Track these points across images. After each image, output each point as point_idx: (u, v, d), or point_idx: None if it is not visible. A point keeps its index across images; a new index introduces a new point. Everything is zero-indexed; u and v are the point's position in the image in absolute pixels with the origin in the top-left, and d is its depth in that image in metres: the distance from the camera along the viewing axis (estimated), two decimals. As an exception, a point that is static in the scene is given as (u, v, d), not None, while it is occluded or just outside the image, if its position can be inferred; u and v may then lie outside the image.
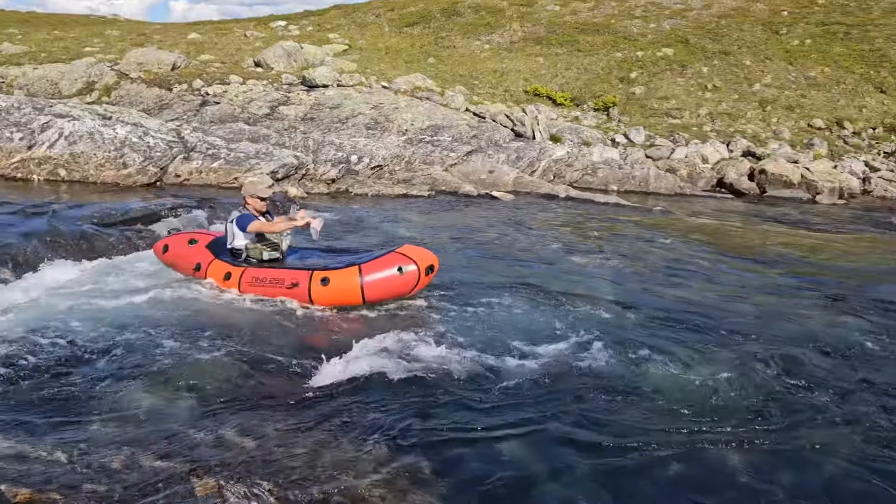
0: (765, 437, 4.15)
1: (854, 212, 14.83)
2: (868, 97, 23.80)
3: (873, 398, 4.71)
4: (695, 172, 17.33)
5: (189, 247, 7.06)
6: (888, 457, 3.96)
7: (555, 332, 5.79)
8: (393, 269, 6.23)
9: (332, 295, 6.26)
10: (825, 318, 6.47)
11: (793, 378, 4.98)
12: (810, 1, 31.49)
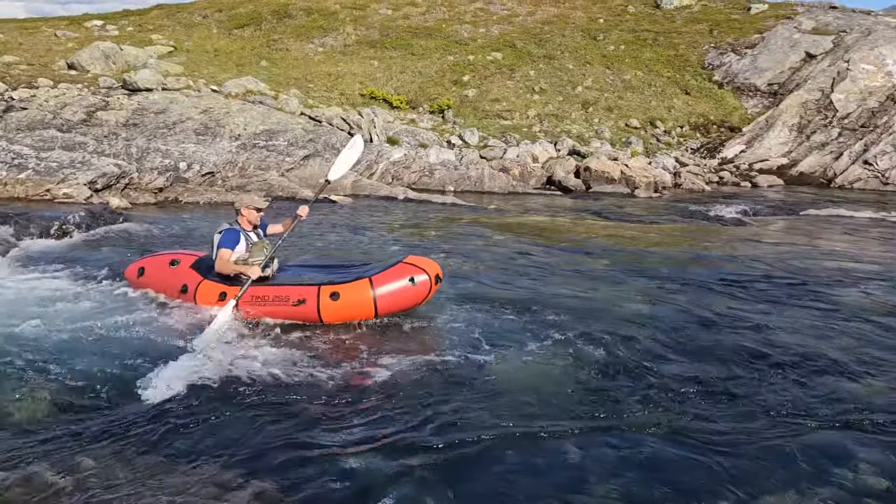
0: (600, 417, 4.42)
1: (667, 203, 16.18)
2: (675, 98, 26.04)
3: (687, 371, 5.16)
4: (526, 171, 18.15)
5: (171, 268, 6.50)
6: (709, 430, 4.34)
7: (391, 333, 5.85)
8: (405, 280, 5.98)
9: (344, 310, 5.90)
10: (644, 300, 7.00)
11: (617, 357, 5.36)
12: (622, 10, 33.97)
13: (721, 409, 4.58)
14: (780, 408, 4.60)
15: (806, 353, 5.61)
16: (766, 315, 6.64)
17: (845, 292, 7.70)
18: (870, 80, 23.43)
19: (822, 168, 21.47)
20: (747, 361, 5.44)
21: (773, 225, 13.31)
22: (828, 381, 5.06)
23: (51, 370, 4.88)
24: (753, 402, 4.70)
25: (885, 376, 5.19)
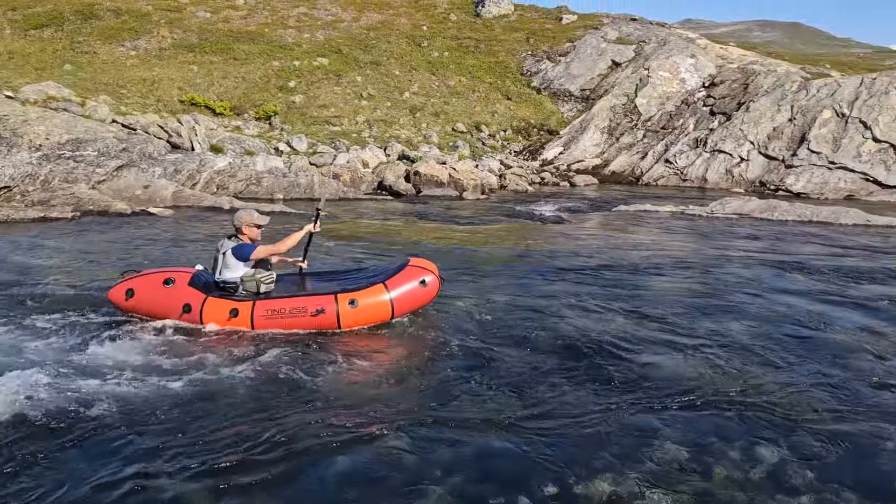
0: (427, 412, 4.47)
1: (494, 204, 16.80)
2: (498, 104, 27.14)
3: (508, 363, 5.37)
4: (357, 177, 18.11)
5: (166, 287, 6.15)
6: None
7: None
8: (416, 282, 6.24)
9: (363, 315, 6.05)
10: (472, 297, 7.21)
11: (443, 354, 5.48)
12: (444, 17, 34.87)
13: (546, 398, 4.81)
14: (599, 392, 4.91)
15: (616, 338, 6.03)
16: (582, 304, 7.07)
17: (650, 279, 8.39)
18: (667, 86, 25.75)
19: (630, 167, 23.29)
20: (566, 350, 5.76)
21: (589, 221, 14.22)
22: (634, 363, 5.47)
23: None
24: (578, 388, 4.98)
25: (683, 354, 5.70)
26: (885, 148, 19.78)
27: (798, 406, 4.73)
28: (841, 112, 21.02)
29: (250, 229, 6.18)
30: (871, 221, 13.71)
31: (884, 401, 4.87)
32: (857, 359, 5.68)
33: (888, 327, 6.56)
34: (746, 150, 21.69)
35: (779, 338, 6.17)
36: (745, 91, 23.85)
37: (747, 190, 20.47)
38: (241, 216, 6.22)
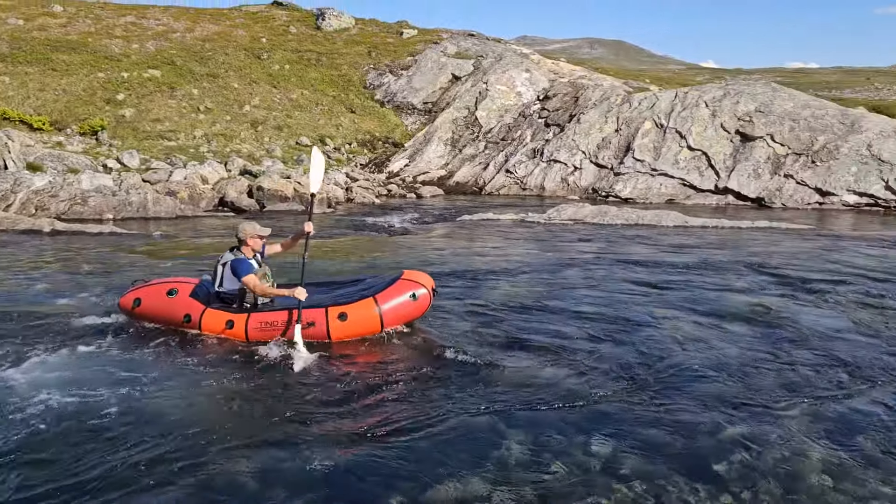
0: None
1: (341, 218, 16.68)
2: (342, 116, 27.04)
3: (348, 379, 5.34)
4: (196, 193, 17.33)
5: (170, 297, 6.43)
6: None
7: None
8: (406, 296, 6.29)
9: (352, 328, 6.17)
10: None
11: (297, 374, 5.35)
12: (284, 30, 34.29)
13: (392, 410, 4.82)
14: (440, 399, 5.00)
15: (464, 342, 6.18)
16: (430, 313, 7.18)
17: (494, 283, 8.67)
18: (505, 100, 26.83)
19: (474, 177, 24.00)
20: (418, 357, 5.81)
21: (435, 231, 14.48)
22: (481, 365, 5.62)
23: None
24: (424, 396, 5.03)
25: (528, 353, 5.93)
26: (698, 155, 21.73)
27: (629, 397, 5.06)
28: (660, 123, 22.86)
29: (254, 241, 6.36)
30: (688, 223, 15.00)
31: (687, 383, 5.32)
32: (672, 345, 6.18)
33: (699, 316, 7.20)
34: (579, 159, 23.03)
35: (613, 331, 6.58)
36: (575, 104, 25.35)
37: (581, 197, 21.73)
38: (244, 228, 6.39)
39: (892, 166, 19.71)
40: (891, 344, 6.47)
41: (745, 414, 4.83)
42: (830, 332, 6.81)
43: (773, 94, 23.14)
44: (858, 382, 5.48)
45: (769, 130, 21.48)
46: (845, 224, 16.76)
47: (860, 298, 8.30)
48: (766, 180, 20.56)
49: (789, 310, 7.67)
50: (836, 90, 76.60)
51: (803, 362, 5.91)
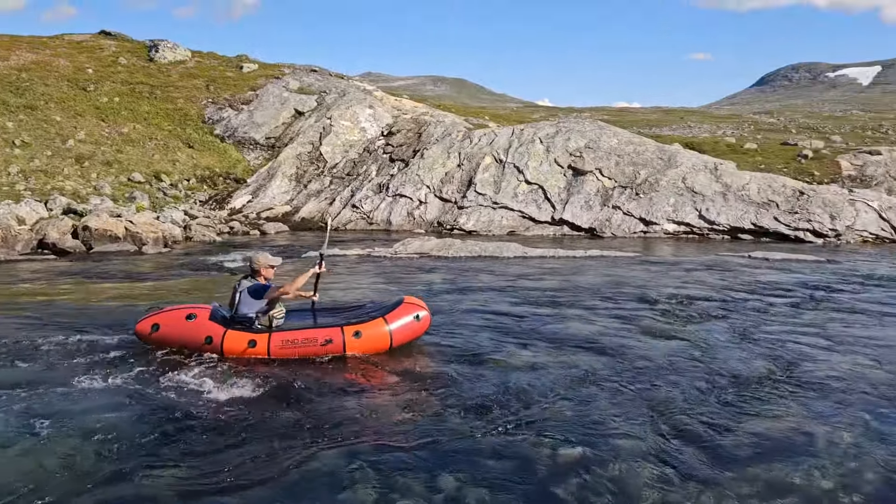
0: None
1: (178, 258, 15.85)
2: (179, 152, 25.89)
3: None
4: (10, 235, 15.81)
5: (189, 322, 6.86)
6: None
7: None
8: (411, 317, 7.05)
9: (365, 345, 6.81)
10: (145, 364, 6.66)
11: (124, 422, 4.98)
12: (113, 61, 32.47)
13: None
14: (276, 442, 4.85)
15: (315, 380, 6.04)
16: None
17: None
18: (349, 135, 26.91)
19: (320, 213, 23.76)
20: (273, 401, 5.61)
21: (280, 269, 14.11)
22: (318, 407, 5.52)
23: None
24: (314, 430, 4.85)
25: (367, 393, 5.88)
26: (535, 189, 22.87)
27: (464, 426, 5.15)
28: (499, 158, 23.86)
29: (266, 270, 6.94)
30: (528, 253, 15.69)
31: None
32: (513, 372, 6.40)
33: (540, 342, 7.52)
34: (424, 193, 23.48)
35: (456, 359, 6.70)
36: (419, 139, 25.90)
37: (427, 230, 22.12)
38: (258, 258, 6.99)
39: (703, 197, 21.76)
40: (713, 357, 7.07)
41: (581, 436, 5.06)
42: (659, 354, 7.34)
43: (600, 131, 24.91)
44: (685, 401, 5.93)
45: (598, 165, 23.05)
46: (667, 250, 18.23)
47: (685, 315, 9.03)
48: (597, 211, 21.98)
49: (618, 332, 8.19)
50: (656, 128, 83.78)
51: (637, 382, 6.31)
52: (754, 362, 7.06)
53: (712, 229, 21.17)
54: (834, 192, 22.61)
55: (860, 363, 7.12)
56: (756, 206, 21.31)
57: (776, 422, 5.45)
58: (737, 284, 12.04)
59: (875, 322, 9.19)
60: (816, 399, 6.02)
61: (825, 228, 20.31)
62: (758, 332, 8.44)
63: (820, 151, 51.81)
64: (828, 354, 7.44)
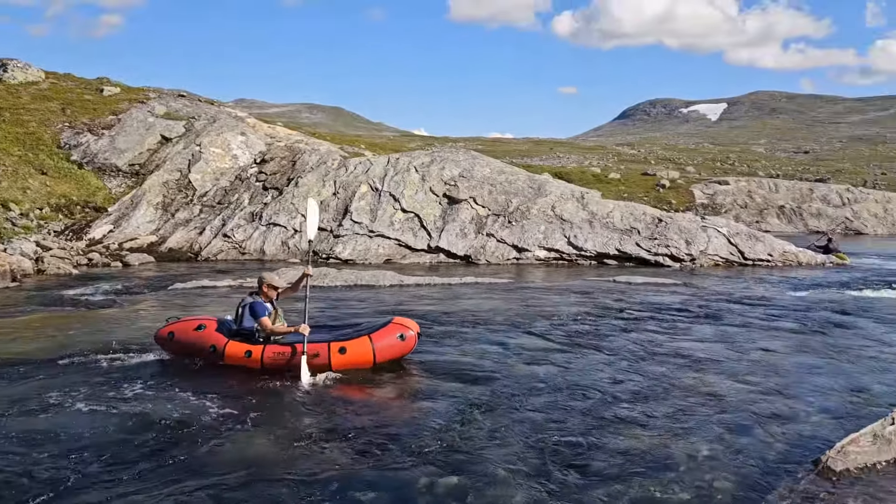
0: None
1: (29, 292, 14.68)
2: (31, 179, 24.13)
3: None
4: None
5: (198, 332, 7.80)
6: None
7: None
8: (396, 336, 7.64)
9: (349, 360, 7.50)
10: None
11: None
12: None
13: None
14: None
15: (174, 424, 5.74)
16: (130, 391, 6.56)
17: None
18: (220, 162, 26.10)
19: (189, 243, 22.80)
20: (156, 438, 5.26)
21: (143, 302, 13.39)
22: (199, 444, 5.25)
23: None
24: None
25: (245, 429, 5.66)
26: (411, 217, 23.05)
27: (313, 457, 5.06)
28: (375, 187, 23.90)
29: (269, 289, 7.86)
30: (404, 281, 15.75)
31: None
32: (392, 402, 6.36)
33: (416, 369, 7.53)
34: (299, 222, 23.09)
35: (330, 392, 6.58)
36: (293, 168, 25.51)
37: (302, 260, 21.71)
38: (265, 277, 7.99)
39: (572, 224, 22.73)
40: (582, 377, 7.34)
41: (457, 462, 5.09)
42: (531, 377, 7.54)
43: (473, 161, 25.54)
44: (556, 421, 6.10)
45: (472, 194, 23.59)
46: (539, 276, 18.86)
47: (556, 338, 9.34)
48: (472, 239, 22.44)
49: (492, 356, 8.37)
50: (528, 158, 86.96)
51: (512, 405, 6.44)
52: (620, 382, 7.40)
53: (580, 255, 22.12)
54: (689, 219, 24.25)
55: (713, 378, 7.63)
56: (620, 233, 22.50)
57: (638, 439, 5.72)
58: (603, 307, 12.63)
59: (726, 339, 9.90)
60: (675, 414, 6.38)
61: (681, 253, 21.72)
62: (622, 352, 8.87)
63: (676, 181, 55.71)
64: (684, 371, 7.92)
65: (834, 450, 5.17)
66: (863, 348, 9.50)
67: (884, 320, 11.82)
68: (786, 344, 9.69)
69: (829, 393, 7.19)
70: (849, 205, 51.20)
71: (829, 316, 12.12)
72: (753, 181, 54.27)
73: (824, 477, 4.90)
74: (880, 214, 51.16)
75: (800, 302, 13.82)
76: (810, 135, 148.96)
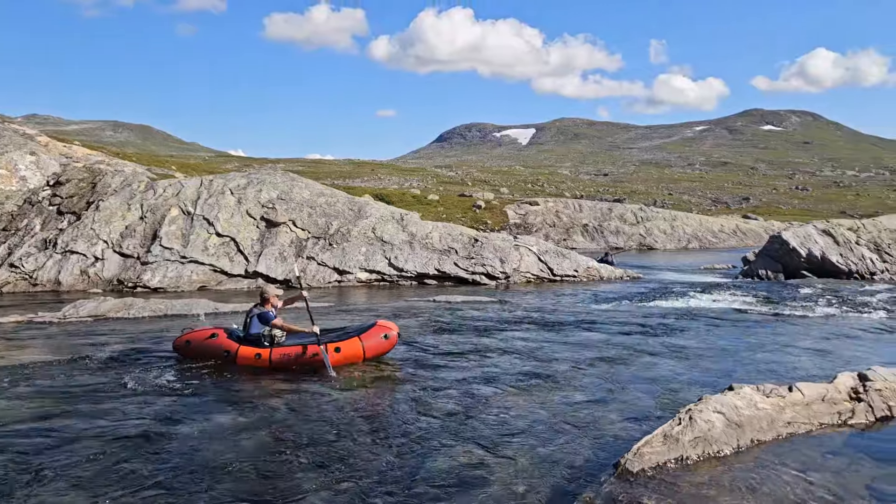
0: None
1: None
2: None
3: None
4: None
5: (212, 339, 9.41)
6: None
7: None
8: (381, 337, 9.44)
9: (343, 357, 9.15)
10: None
11: None
12: None
13: None
14: None
15: None
16: None
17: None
18: (5, 185, 23.52)
19: (-33, 275, 20.23)
20: None
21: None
22: None
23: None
24: None
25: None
26: (227, 241, 22.14)
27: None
28: (187, 210, 22.70)
29: (273, 299, 9.51)
30: (219, 309, 15.05)
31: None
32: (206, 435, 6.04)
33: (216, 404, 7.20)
34: (101, 249, 21.36)
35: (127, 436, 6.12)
36: (93, 190, 23.58)
37: (105, 289, 20.10)
38: (269, 290, 9.63)
39: (392, 246, 22.99)
40: (396, 400, 7.38)
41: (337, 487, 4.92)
42: (336, 404, 7.47)
43: (292, 183, 25.10)
44: (365, 450, 6.08)
45: (291, 217, 23.14)
46: (361, 298, 18.85)
47: (371, 362, 9.34)
48: (292, 262, 21.96)
49: (298, 383, 8.21)
50: (350, 179, 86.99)
51: (314, 433, 6.33)
52: (432, 400, 7.55)
53: (401, 276, 22.42)
54: (502, 238, 25.45)
55: (527, 391, 8.01)
56: (439, 253, 23.10)
57: (453, 458, 5.86)
58: (422, 326, 12.86)
59: (537, 352, 10.45)
60: (489, 428, 6.61)
61: (497, 271, 22.71)
62: (436, 370, 9.08)
63: (491, 202, 58.33)
64: (498, 385, 8.25)
65: (631, 452, 5.60)
66: (658, 353, 10.46)
67: (673, 327, 13.11)
68: (592, 354, 10.43)
69: (631, 397, 7.83)
70: (642, 223, 56.37)
71: (629, 326, 13.23)
72: (560, 202, 58.12)
73: (623, 479, 5.28)
74: (668, 231, 56.83)
75: (603, 314, 14.95)
76: (608, 159, 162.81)
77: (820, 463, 5.65)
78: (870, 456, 5.83)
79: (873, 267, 25.57)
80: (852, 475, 5.42)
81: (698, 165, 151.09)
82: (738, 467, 5.53)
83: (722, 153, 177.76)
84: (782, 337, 12.41)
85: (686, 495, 5.00)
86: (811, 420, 6.57)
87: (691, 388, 8.15)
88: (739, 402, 6.40)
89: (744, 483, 5.21)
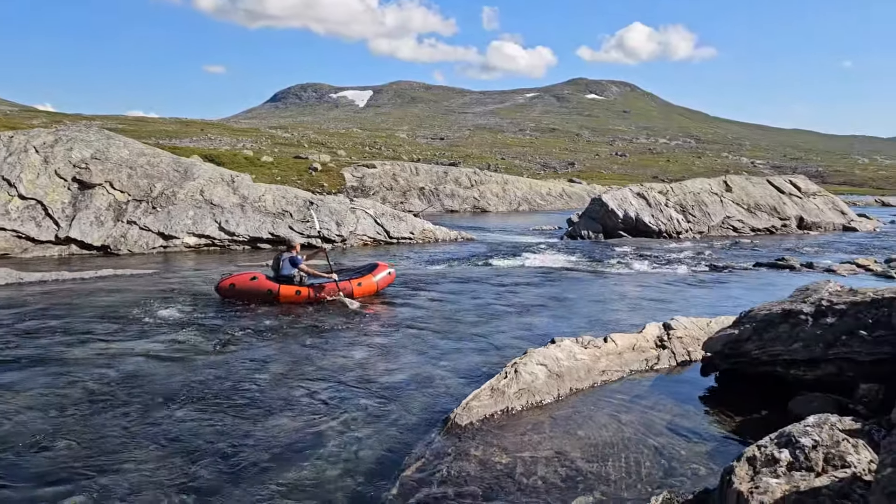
0: None
1: None
2: None
3: None
4: None
5: (253, 282, 11.20)
6: None
7: None
8: (386, 272, 12.32)
9: (363, 290, 11.71)
10: None
11: None
12: None
13: None
14: None
15: None
16: None
17: None
18: None
19: None
20: None
21: None
22: None
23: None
24: None
25: None
26: (32, 204, 20.08)
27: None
28: (-18, 170, 20.27)
29: (297, 245, 11.79)
30: (24, 279, 13.68)
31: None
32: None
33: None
34: None
35: None
36: None
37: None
38: (294, 238, 12.00)
39: (223, 209, 21.99)
40: (218, 372, 7.10)
41: (90, 478, 4.58)
42: (161, 374, 7.09)
43: (108, 141, 23.15)
44: (200, 420, 5.82)
45: (108, 178, 21.38)
46: (188, 264, 17.90)
47: (206, 335, 8.92)
48: (110, 227, 20.39)
49: (123, 355, 7.70)
50: (176, 139, 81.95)
51: (147, 406, 5.97)
52: (266, 371, 7.37)
53: (233, 240, 21.55)
54: (339, 201, 25.14)
55: (361, 358, 8.01)
56: (272, 217, 22.42)
57: (285, 426, 5.75)
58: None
59: (371, 316, 10.48)
60: (322, 395, 6.56)
61: (333, 234, 22.45)
62: (269, 339, 8.85)
63: (328, 165, 57.40)
64: (333, 351, 8.19)
65: (460, 407, 5.79)
66: (489, 311, 10.87)
67: (502, 285, 13.66)
68: (426, 314, 10.64)
69: (464, 356, 8.08)
70: (476, 186, 57.99)
71: (460, 286, 13.62)
72: (398, 165, 58.32)
73: (452, 433, 5.45)
74: (500, 194, 58.94)
75: (436, 275, 15.27)
76: (444, 123, 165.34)
77: (629, 406, 6.16)
78: (671, 396, 6.43)
79: (679, 227, 28.14)
80: (656, 414, 5.97)
81: (528, 131, 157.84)
82: (558, 414, 5.90)
83: (550, 120, 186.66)
84: (601, 291, 13.36)
85: (510, 443, 5.26)
86: (623, 367, 7.14)
87: (521, 343, 8.55)
88: (560, 354, 6.81)
89: (563, 428, 5.57)
